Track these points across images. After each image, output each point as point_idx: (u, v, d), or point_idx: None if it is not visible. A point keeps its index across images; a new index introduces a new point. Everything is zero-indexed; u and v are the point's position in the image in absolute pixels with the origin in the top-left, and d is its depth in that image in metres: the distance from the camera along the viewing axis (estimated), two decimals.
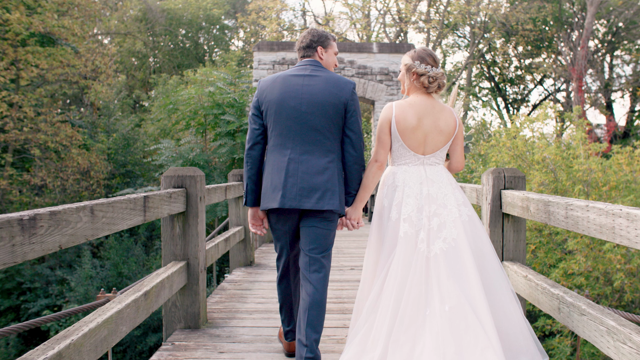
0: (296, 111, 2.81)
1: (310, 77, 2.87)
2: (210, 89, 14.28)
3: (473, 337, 2.48)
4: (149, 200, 2.88)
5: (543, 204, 2.90)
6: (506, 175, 3.66)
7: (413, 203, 2.77)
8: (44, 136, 15.38)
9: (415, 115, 2.84)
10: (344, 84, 2.87)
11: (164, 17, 28.25)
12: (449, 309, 2.54)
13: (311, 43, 2.97)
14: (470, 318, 2.52)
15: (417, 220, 2.74)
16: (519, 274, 3.32)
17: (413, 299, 2.59)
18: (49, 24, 14.82)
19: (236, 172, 6.21)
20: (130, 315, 2.59)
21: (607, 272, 8.99)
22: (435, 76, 2.86)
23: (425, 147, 2.88)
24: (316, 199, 2.76)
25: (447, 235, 2.70)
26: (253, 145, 2.94)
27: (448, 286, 2.59)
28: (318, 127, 2.81)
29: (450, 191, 2.83)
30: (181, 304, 3.69)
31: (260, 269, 6.17)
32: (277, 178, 2.80)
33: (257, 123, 2.93)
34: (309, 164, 2.79)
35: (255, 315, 4.11)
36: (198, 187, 3.70)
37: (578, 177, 9.50)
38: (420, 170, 2.86)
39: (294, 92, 2.83)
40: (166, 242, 3.67)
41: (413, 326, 2.55)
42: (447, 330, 2.50)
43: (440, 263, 2.64)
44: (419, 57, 2.89)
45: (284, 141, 2.83)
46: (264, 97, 2.89)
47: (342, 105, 2.83)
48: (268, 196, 2.83)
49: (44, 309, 14.21)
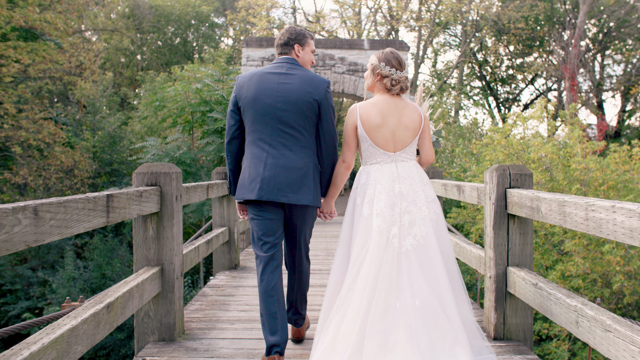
0: (272, 108, 2.90)
1: (286, 75, 2.96)
2: (198, 86, 13.90)
3: (442, 332, 2.61)
4: (114, 200, 2.54)
5: (557, 204, 2.59)
6: (512, 172, 3.35)
7: (385, 199, 2.83)
8: (25, 133, 14.91)
9: (380, 114, 2.91)
10: (318, 83, 2.96)
11: (152, 14, 27.76)
12: (420, 303, 2.65)
13: (288, 41, 3.06)
14: (439, 314, 2.65)
15: (390, 216, 2.81)
16: (528, 281, 3.01)
17: (385, 290, 2.67)
18: (31, 17, 14.34)
19: (220, 169, 5.87)
20: (88, 332, 2.25)
21: (605, 274, 8.73)
22: (398, 79, 2.94)
23: (394, 144, 2.94)
24: (292, 193, 2.88)
25: (417, 232, 2.79)
26: (231, 140, 3.07)
27: (419, 281, 2.70)
28: (293, 124, 2.90)
29: (420, 188, 2.90)
30: (155, 314, 3.34)
31: (245, 272, 5.82)
32: (255, 172, 2.90)
33: (234, 119, 3.04)
34: (285, 160, 2.89)
35: (238, 325, 3.77)
36: (174, 185, 3.36)
37: (575, 177, 9.24)
38: (392, 167, 2.93)
39: (269, 90, 2.91)
40: (138, 246, 3.32)
41: (386, 317, 2.63)
42: (419, 323, 2.61)
43: (412, 258, 2.74)
44: (385, 59, 2.97)
45: (261, 136, 2.93)
46: (241, 93, 2.97)
47: (316, 103, 2.93)
48: (245, 188, 2.94)
49: (25, 312, 13.75)
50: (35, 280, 14.57)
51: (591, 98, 25.70)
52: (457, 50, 29.23)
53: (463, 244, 4.34)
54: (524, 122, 11.37)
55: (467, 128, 19.97)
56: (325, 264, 6.30)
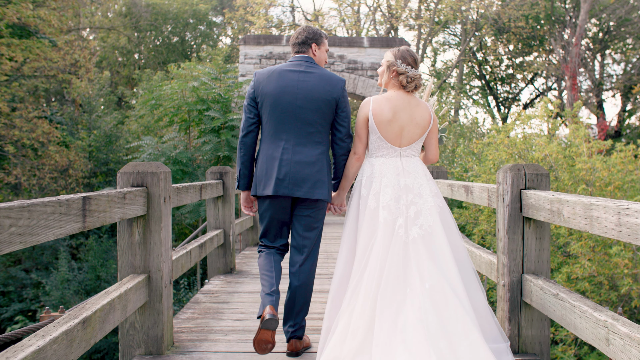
0: (291, 105, 2.99)
1: (305, 74, 3.05)
2: (194, 84, 13.65)
3: (454, 313, 2.62)
4: (91, 202, 2.28)
5: (583, 208, 2.33)
6: (527, 172, 3.10)
7: (391, 192, 2.90)
8: (18, 132, 14.63)
9: (392, 109, 2.99)
10: (336, 82, 3.08)
11: (148, 12, 27.46)
12: (429, 286, 2.68)
13: (306, 39, 3.15)
14: (450, 295, 2.66)
15: (395, 209, 2.87)
16: (547, 291, 2.75)
17: (393, 278, 2.71)
18: (24, 14, 14.06)
19: (215, 169, 5.61)
20: (59, 353, 1.99)
21: (612, 276, 8.49)
22: (413, 77, 3.02)
23: (401, 139, 3.01)
24: (307, 188, 2.98)
25: (424, 222, 2.84)
26: (247, 134, 3.11)
27: (428, 267, 2.73)
28: (311, 121, 3.01)
29: (425, 182, 2.96)
30: (141, 326, 3.08)
31: (241, 276, 5.57)
32: (271, 167, 2.99)
33: (252, 112, 3.10)
34: (301, 155, 2.99)
35: (232, 336, 3.51)
36: (162, 185, 3.11)
37: (581, 177, 8.99)
38: (397, 161, 3.00)
39: (289, 87, 3.00)
40: (123, 252, 3.06)
41: (395, 301, 2.67)
42: (429, 305, 2.63)
43: (419, 246, 2.78)
44: (401, 57, 3.04)
45: (278, 132, 3.02)
46: (260, 89, 3.05)
47: (334, 101, 3.04)
48: (262, 183, 3.02)
49: (18, 314, 13.47)
50: (29, 282, 14.29)
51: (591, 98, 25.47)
52: (457, 50, 28.98)
53: (472, 248, 4.09)
54: (527, 121, 11.12)
55: (467, 127, 19.74)
56: (325, 268, 6.03)
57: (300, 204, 3.07)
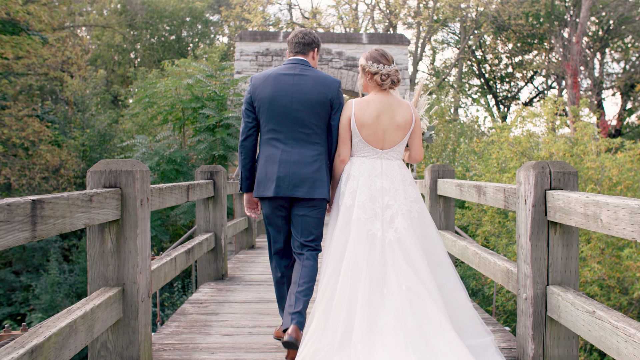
0: (287, 108, 3.05)
1: (300, 77, 3.11)
2: (189, 81, 13.26)
3: (430, 314, 2.67)
4: (44, 207, 1.91)
5: (629, 212, 1.97)
6: (553, 170, 2.73)
7: (367, 192, 2.95)
8: (7, 131, 14.22)
9: (374, 112, 3.02)
10: (330, 83, 3.13)
11: (144, 10, 27.06)
12: (406, 288, 2.73)
13: (312, 42, 3.22)
14: (426, 297, 2.70)
15: (370, 209, 2.91)
16: (581, 307, 2.38)
17: (370, 279, 2.75)
18: (13, 9, 13.65)
19: (205, 168, 5.23)
20: None
21: (623, 280, 8.14)
22: (388, 73, 3.03)
23: (384, 142, 3.04)
24: (307, 188, 3.03)
25: (399, 225, 2.88)
26: (246, 138, 3.18)
27: (404, 269, 2.78)
28: (307, 123, 3.06)
29: (401, 187, 3.00)
30: (114, 346, 2.70)
31: (233, 283, 5.20)
32: (271, 169, 3.05)
33: (250, 117, 3.16)
34: (299, 157, 3.05)
35: (219, 355, 3.12)
36: (138, 186, 2.73)
37: (590, 175, 8.64)
38: (376, 163, 3.03)
39: (285, 91, 3.06)
40: (94, 262, 2.69)
41: (373, 303, 2.71)
42: (407, 306, 2.68)
43: (395, 248, 2.83)
44: (371, 57, 3.07)
45: (276, 135, 3.08)
46: (256, 94, 3.11)
47: (329, 102, 3.10)
48: (263, 185, 3.09)
49: (6, 318, 13.07)
50: (19, 285, 13.88)
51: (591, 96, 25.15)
52: (456, 48, 28.64)
53: (484, 254, 3.71)
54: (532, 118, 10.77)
55: (467, 126, 19.40)
56: None
57: (299, 205, 3.10)
